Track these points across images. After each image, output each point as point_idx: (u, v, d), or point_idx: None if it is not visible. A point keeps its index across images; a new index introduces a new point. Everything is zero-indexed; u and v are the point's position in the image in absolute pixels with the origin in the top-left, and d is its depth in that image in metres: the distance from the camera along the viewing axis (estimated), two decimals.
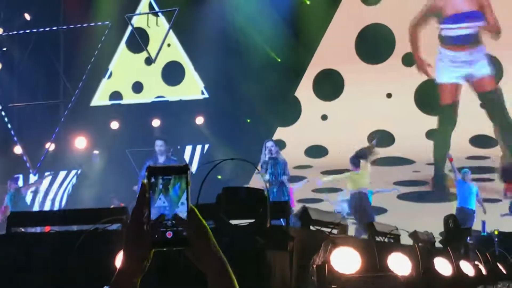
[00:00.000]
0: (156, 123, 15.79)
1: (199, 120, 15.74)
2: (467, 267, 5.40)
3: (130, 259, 1.34)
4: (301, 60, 16.05)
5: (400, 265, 4.29)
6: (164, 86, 16.84)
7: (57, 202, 16.12)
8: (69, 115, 16.87)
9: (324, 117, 15.88)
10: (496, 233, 8.55)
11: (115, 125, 16.11)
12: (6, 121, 16.91)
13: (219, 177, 12.88)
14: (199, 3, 15.82)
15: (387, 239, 5.20)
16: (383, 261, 4.24)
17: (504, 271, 6.42)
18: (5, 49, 17.13)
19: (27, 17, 16.96)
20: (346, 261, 3.79)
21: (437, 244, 6.09)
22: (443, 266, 4.98)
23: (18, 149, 16.56)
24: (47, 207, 15.79)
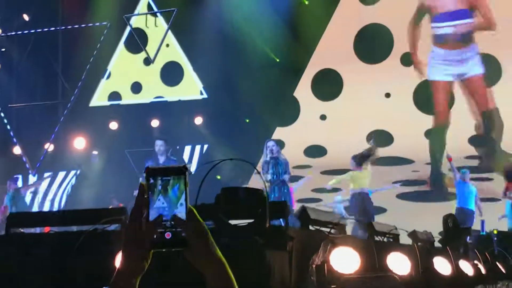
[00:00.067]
0: (155, 123, 15.78)
1: (198, 120, 15.73)
2: (466, 267, 5.40)
3: (129, 259, 1.34)
4: (300, 60, 16.04)
5: (399, 264, 4.29)
6: (163, 87, 16.83)
7: (57, 203, 16.12)
8: (68, 116, 16.86)
9: (323, 117, 15.88)
10: (495, 232, 8.55)
11: (114, 125, 16.10)
12: (5, 122, 16.91)
13: (218, 177, 12.88)
14: (197, 3, 15.82)
15: (386, 239, 5.20)
16: (382, 261, 4.24)
17: (503, 270, 6.43)
18: (3, 49, 17.13)
19: (26, 17, 16.96)
20: (345, 261, 3.79)
21: (436, 244, 6.09)
22: (442, 266, 4.98)
23: (17, 150, 16.56)
24: (46, 207, 15.78)
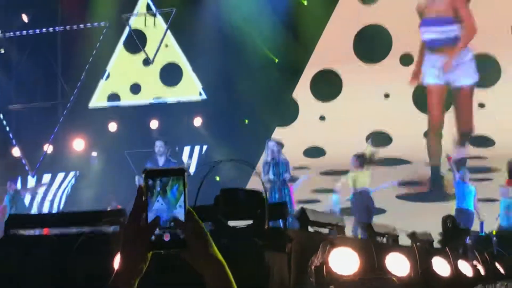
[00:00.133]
0: (154, 124, 15.77)
1: (197, 121, 15.73)
2: (465, 267, 5.40)
3: (128, 260, 1.34)
4: (299, 61, 16.03)
5: (399, 265, 4.29)
6: (162, 87, 16.82)
7: (56, 204, 16.11)
8: (67, 117, 16.85)
9: (322, 118, 15.88)
10: (494, 233, 8.56)
11: (113, 126, 16.09)
12: (4, 123, 16.90)
13: (217, 178, 12.88)
14: (196, 3, 15.82)
15: (385, 240, 5.21)
16: (381, 262, 4.24)
17: (502, 270, 6.43)
18: (2, 50, 17.12)
19: (25, 18, 16.95)
20: (344, 261, 3.79)
21: (436, 244, 6.09)
22: (441, 266, 4.98)
23: (16, 151, 16.55)
24: (45, 209, 15.77)
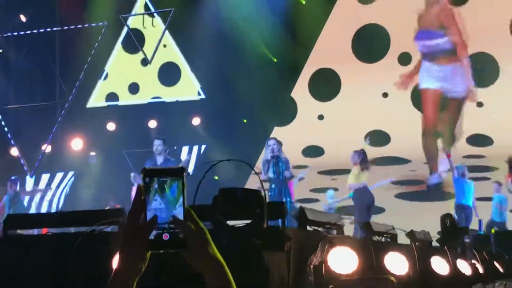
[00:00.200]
0: (153, 124, 15.78)
1: (196, 121, 15.73)
2: (464, 266, 5.41)
3: (127, 261, 1.34)
4: (298, 60, 16.05)
5: (397, 264, 4.30)
6: (160, 87, 16.83)
7: (54, 204, 16.11)
8: (65, 117, 16.85)
9: (320, 117, 15.89)
10: (492, 231, 8.57)
11: (111, 126, 16.10)
12: (3, 123, 16.89)
13: (216, 178, 12.88)
14: (195, 3, 15.82)
15: (384, 239, 5.21)
16: (380, 261, 4.24)
17: (501, 269, 6.44)
18: (1, 50, 17.11)
19: (23, 18, 16.94)
20: (343, 261, 3.80)
21: (434, 243, 6.10)
22: (440, 265, 4.99)
23: (15, 151, 16.54)
24: (44, 208, 15.77)
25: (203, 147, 15.80)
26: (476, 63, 14.85)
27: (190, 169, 14.60)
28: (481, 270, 5.91)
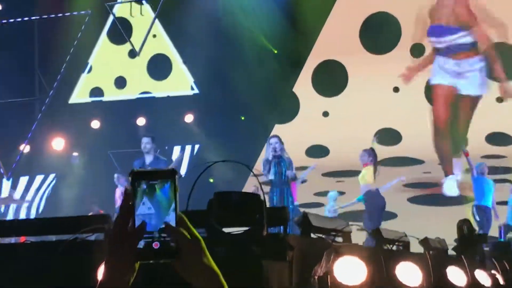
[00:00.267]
0: (141, 121, 15.78)
1: (189, 118, 15.74)
2: (483, 277, 5.41)
3: (113, 272, 1.34)
4: (300, 51, 16.05)
5: (410, 275, 4.30)
6: (149, 81, 16.83)
7: (34, 210, 16.11)
8: (45, 114, 16.85)
9: (325, 114, 15.90)
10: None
11: (96, 124, 16.10)
12: None
13: (211, 180, 12.89)
14: None
15: (395, 247, 5.21)
16: (391, 271, 4.25)
17: None
18: None
19: None
20: (350, 271, 3.80)
21: (450, 252, 6.11)
22: (457, 276, 4.99)
23: None
24: (22, 214, 15.77)
25: (196, 146, 15.80)
26: (499, 55, 14.84)
27: (183, 170, 14.61)
28: (501, 281, 5.92)
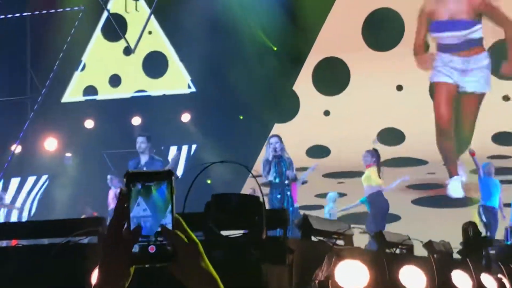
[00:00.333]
0: (137, 121, 15.78)
1: (185, 117, 15.74)
2: (489, 281, 5.41)
3: (107, 276, 1.34)
4: (300, 48, 16.04)
5: (414, 279, 4.31)
6: (145, 79, 16.83)
7: (26, 212, 16.10)
8: (37, 113, 16.84)
9: (326, 113, 15.90)
10: None
11: (89, 123, 16.09)
12: None
13: (208, 181, 12.89)
14: None
15: (398, 250, 5.22)
16: (394, 275, 4.25)
17: None
18: None
19: None
20: (352, 275, 3.80)
21: (455, 255, 6.11)
22: (462, 280, 5.00)
23: None
24: (14, 217, 15.76)
25: (193, 147, 15.80)
26: (500, 52, 14.85)
27: (179, 171, 14.60)
28: (508, 286, 5.92)
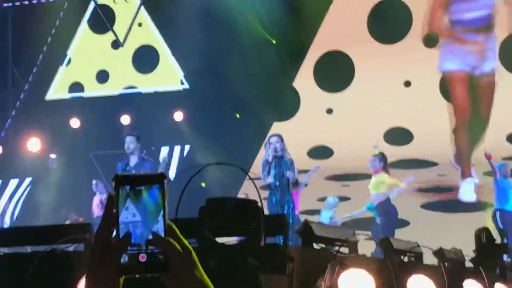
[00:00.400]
0: (126, 119, 15.77)
1: (178, 116, 15.73)
2: None
3: (95, 287, 1.34)
4: (301, 42, 16.04)
5: None
6: (135, 75, 16.83)
7: (8, 217, 16.08)
8: (19, 111, 16.83)
9: (329, 111, 15.90)
10: None
11: (75, 122, 16.09)
12: None
13: (202, 185, 12.89)
14: None
15: (406, 258, 5.22)
16: (402, 285, 4.25)
17: None
18: None
19: None
20: (357, 285, 3.80)
21: (468, 264, 6.12)
22: None
23: None
24: None
25: (186, 147, 15.81)
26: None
27: (172, 174, 14.61)
28: None
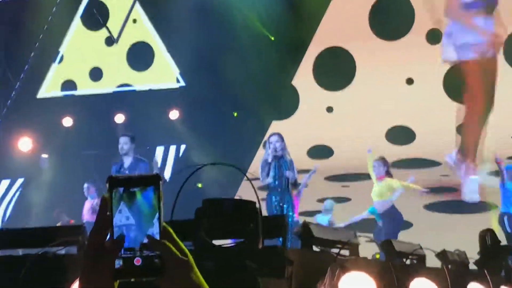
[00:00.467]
0: (120, 118, 15.78)
1: (174, 115, 15.74)
2: None
3: None
4: (300, 38, 16.05)
5: None
6: (129, 72, 16.82)
7: None
8: (10, 110, 16.81)
9: (329, 109, 15.90)
10: None
11: (68, 121, 16.08)
12: None
13: (199, 185, 12.89)
14: None
15: (409, 261, 5.22)
16: None
17: None
18: None
19: None
20: None
21: (472, 266, 6.12)
22: None
23: None
24: None
25: (182, 147, 15.81)
26: None
27: (167, 175, 14.61)
28: None
